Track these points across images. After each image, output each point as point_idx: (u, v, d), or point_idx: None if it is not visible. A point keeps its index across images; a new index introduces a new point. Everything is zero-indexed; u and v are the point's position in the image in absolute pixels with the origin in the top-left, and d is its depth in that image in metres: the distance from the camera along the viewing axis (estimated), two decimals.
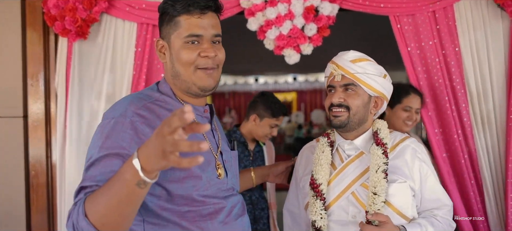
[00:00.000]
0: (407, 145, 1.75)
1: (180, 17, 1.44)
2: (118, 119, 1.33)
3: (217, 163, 1.50)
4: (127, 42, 2.70)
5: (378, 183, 1.62)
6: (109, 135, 1.30)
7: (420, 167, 1.73)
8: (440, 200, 1.75)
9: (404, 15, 2.65)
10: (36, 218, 2.78)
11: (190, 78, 1.46)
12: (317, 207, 1.70)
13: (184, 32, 1.43)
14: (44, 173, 2.78)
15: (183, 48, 1.44)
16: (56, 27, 2.62)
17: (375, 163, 1.66)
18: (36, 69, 2.76)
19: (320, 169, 1.74)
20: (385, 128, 1.77)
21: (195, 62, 1.44)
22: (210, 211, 1.44)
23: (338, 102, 1.72)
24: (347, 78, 1.72)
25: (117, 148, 1.28)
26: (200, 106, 1.54)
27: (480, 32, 2.65)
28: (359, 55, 1.76)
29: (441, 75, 2.66)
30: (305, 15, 2.60)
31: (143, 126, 1.34)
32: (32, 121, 2.77)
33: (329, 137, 1.84)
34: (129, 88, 2.70)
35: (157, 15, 2.10)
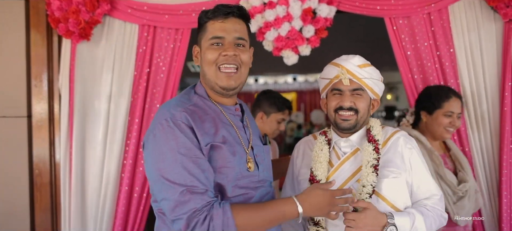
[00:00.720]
0: (398, 137, 1.83)
1: (208, 23, 1.62)
2: (171, 121, 1.51)
3: (248, 157, 1.64)
4: (129, 44, 2.74)
5: (366, 177, 1.71)
6: (175, 134, 1.49)
7: (410, 158, 1.80)
8: (430, 191, 1.82)
9: (399, 17, 2.70)
10: (40, 216, 2.83)
11: (213, 77, 1.62)
12: None
13: (209, 35, 1.61)
14: (47, 172, 2.82)
15: (207, 49, 1.62)
16: (60, 29, 2.66)
17: (366, 158, 1.74)
18: (40, 70, 2.80)
19: (320, 166, 1.81)
20: (377, 125, 1.85)
21: (217, 61, 1.60)
22: (240, 200, 1.59)
23: (349, 106, 1.79)
24: (355, 83, 1.79)
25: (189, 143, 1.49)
26: (231, 105, 1.71)
27: (474, 34, 2.69)
28: (364, 61, 1.84)
29: (436, 76, 2.71)
30: (303, 17, 2.65)
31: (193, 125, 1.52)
32: (36, 120, 2.81)
33: (326, 135, 1.91)
34: (131, 89, 2.74)
35: (158, 16, 2.44)
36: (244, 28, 1.67)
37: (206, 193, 1.48)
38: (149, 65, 2.75)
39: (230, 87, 1.63)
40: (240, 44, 1.63)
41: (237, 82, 1.63)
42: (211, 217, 1.45)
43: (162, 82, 2.75)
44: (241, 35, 1.63)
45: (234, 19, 1.63)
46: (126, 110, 2.74)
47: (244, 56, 1.63)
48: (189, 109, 1.57)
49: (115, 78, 2.75)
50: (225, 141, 1.59)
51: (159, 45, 2.75)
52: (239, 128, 1.68)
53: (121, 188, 2.75)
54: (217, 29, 1.60)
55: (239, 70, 1.63)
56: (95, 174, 2.75)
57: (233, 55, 1.59)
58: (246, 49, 1.66)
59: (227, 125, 1.64)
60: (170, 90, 2.77)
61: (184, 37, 2.75)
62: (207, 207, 1.46)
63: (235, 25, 1.62)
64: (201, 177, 1.49)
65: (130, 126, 2.76)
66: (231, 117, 1.68)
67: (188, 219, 1.44)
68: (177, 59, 2.76)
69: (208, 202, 1.47)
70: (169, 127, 1.50)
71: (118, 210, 2.74)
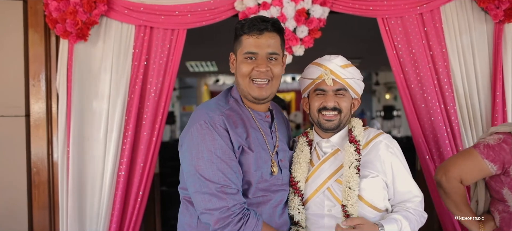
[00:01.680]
0: (380, 141, 1.85)
1: (243, 36, 1.74)
2: (209, 123, 1.64)
3: (272, 161, 1.77)
4: (126, 44, 2.76)
5: (351, 178, 1.73)
6: (212, 136, 1.62)
7: (392, 161, 1.82)
8: (411, 192, 1.84)
9: (392, 18, 2.72)
10: (38, 214, 2.85)
11: (246, 88, 1.75)
12: (295, 202, 1.83)
13: (244, 49, 1.73)
14: (45, 171, 2.84)
15: (242, 62, 1.74)
16: (57, 29, 2.68)
17: (348, 159, 1.77)
18: (38, 69, 2.82)
19: (299, 167, 1.85)
20: (359, 125, 1.88)
21: (250, 74, 1.73)
22: (258, 201, 1.73)
23: (333, 106, 1.81)
24: (338, 83, 1.81)
25: (225, 146, 1.63)
26: (262, 111, 1.84)
27: (466, 34, 2.72)
28: (346, 61, 1.87)
29: (429, 76, 2.72)
30: (297, 18, 2.67)
31: (228, 128, 1.66)
32: (33, 119, 2.83)
33: (307, 136, 1.94)
34: (127, 89, 2.76)
35: (155, 17, 2.56)
36: (277, 41, 1.76)
37: (237, 193, 1.63)
38: (145, 66, 2.77)
39: (261, 98, 1.76)
40: (273, 58, 1.74)
41: (268, 93, 1.76)
42: (245, 221, 1.60)
43: (158, 83, 2.77)
44: (274, 50, 1.74)
45: (268, 34, 1.72)
46: (122, 110, 2.76)
47: (276, 69, 1.75)
48: (226, 113, 1.71)
49: (112, 78, 2.76)
50: (252, 146, 1.70)
51: (155, 45, 2.77)
52: (267, 133, 1.81)
53: (118, 187, 2.76)
54: (251, 44, 1.71)
55: (271, 82, 1.75)
56: (92, 173, 2.77)
57: (265, 71, 1.71)
58: (279, 62, 1.77)
59: (255, 130, 1.77)
60: (166, 90, 2.79)
61: (180, 37, 2.78)
62: (242, 210, 1.62)
63: (268, 40, 1.72)
64: (234, 178, 1.63)
65: (126, 126, 2.77)
66: (260, 123, 1.81)
67: (220, 215, 1.58)
68: (173, 60, 2.79)
69: (239, 202, 1.62)
70: (208, 128, 1.63)
71: (114, 209, 2.76)
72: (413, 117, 2.77)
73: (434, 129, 2.75)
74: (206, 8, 2.74)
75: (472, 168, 1.99)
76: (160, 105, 2.80)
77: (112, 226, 2.77)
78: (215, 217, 1.59)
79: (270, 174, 1.76)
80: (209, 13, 2.74)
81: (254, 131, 1.76)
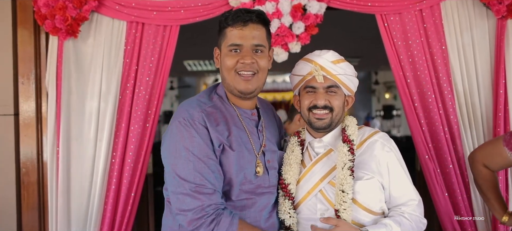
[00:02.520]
0: (376, 140, 1.75)
1: (227, 28, 1.68)
2: (189, 120, 1.59)
3: (257, 161, 1.69)
4: (117, 41, 2.71)
5: (344, 180, 1.64)
6: (190, 133, 1.57)
7: (388, 162, 1.72)
8: (407, 195, 1.74)
9: (391, 14, 2.66)
10: (27, 215, 2.80)
11: (232, 82, 1.69)
12: (286, 206, 1.73)
13: (228, 41, 1.67)
14: (35, 171, 2.79)
15: (226, 55, 1.68)
16: (46, 25, 2.62)
17: (341, 160, 1.67)
18: (27, 67, 2.77)
19: (289, 168, 1.76)
20: (353, 124, 1.78)
21: (235, 67, 1.67)
22: (242, 204, 1.66)
23: (324, 104, 1.72)
24: (329, 80, 1.73)
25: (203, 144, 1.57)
26: (248, 109, 1.77)
27: (466, 31, 2.67)
28: (338, 56, 1.78)
29: (427, 74, 2.67)
30: (293, 14, 2.62)
31: (208, 126, 1.60)
32: (23, 119, 2.78)
33: (299, 136, 1.86)
34: (119, 87, 2.71)
35: (147, 13, 2.53)
36: (263, 33, 1.71)
37: (214, 193, 1.56)
38: (137, 63, 2.72)
39: (247, 91, 1.69)
40: (258, 50, 1.69)
41: (254, 86, 1.69)
42: (218, 222, 1.53)
43: (150, 80, 2.72)
44: (259, 41, 1.68)
45: (253, 25, 1.67)
46: (114, 109, 2.70)
47: (262, 62, 1.69)
48: (206, 110, 1.65)
49: (103, 76, 2.72)
50: (234, 144, 1.64)
51: (147, 42, 2.71)
52: (253, 132, 1.74)
53: (109, 188, 2.71)
54: (235, 36, 1.66)
55: (257, 75, 1.69)
56: (82, 173, 2.72)
57: (250, 62, 1.65)
58: (264, 54, 1.71)
59: (239, 129, 1.70)
60: (158, 88, 2.73)
61: (173, 34, 2.72)
62: (216, 210, 1.55)
63: (253, 32, 1.67)
64: (211, 177, 1.56)
65: (118, 125, 2.72)
66: (246, 121, 1.74)
67: (193, 215, 1.53)
68: (165, 57, 2.73)
69: (215, 203, 1.55)
70: (186, 126, 1.58)
71: (106, 210, 2.71)
72: (413, 115, 2.71)
73: (433, 128, 2.70)
74: (199, 3, 2.68)
75: (494, 154, 1.99)
76: (153, 104, 2.74)
77: (104, 227, 2.72)
78: (188, 218, 1.54)
79: (254, 175, 1.68)
80: (203, 8, 2.68)
81: (237, 129, 1.70)
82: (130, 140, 2.69)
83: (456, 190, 2.63)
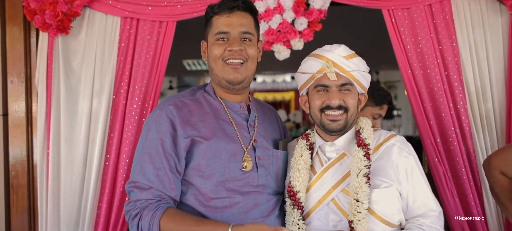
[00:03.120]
0: (393, 144, 1.62)
1: (213, 17, 1.65)
2: (157, 112, 1.59)
3: (245, 155, 1.61)
4: (110, 38, 2.62)
5: (359, 188, 1.50)
6: (150, 127, 1.58)
7: (406, 168, 1.59)
8: (427, 205, 1.61)
9: (398, 9, 2.56)
10: (16, 220, 2.73)
11: (220, 72, 1.64)
12: (295, 216, 1.60)
13: (215, 30, 1.64)
14: (25, 174, 2.72)
15: (213, 44, 1.64)
16: (36, 21, 2.54)
17: (356, 166, 1.53)
18: (17, 66, 2.70)
19: (298, 175, 1.62)
20: (368, 126, 1.65)
21: (223, 55, 1.62)
22: (224, 204, 1.57)
23: (338, 104, 1.59)
24: (343, 77, 1.59)
25: (156, 139, 1.54)
26: (236, 102, 1.71)
27: (479, 27, 2.58)
28: (350, 51, 1.66)
29: (438, 72, 2.57)
30: (295, 9, 2.53)
31: (175, 117, 1.57)
32: (12, 119, 2.71)
33: (308, 139, 1.72)
34: (113, 86, 2.62)
35: (141, 8, 2.56)
36: (250, 21, 1.67)
37: (149, 190, 1.52)
38: (132, 61, 2.62)
39: (236, 81, 1.63)
40: (247, 39, 1.64)
41: (243, 75, 1.63)
42: (141, 216, 1.49)
43: (145, 79, 2.62)
44: (247, 29, 1.64)
45: (240, 13, 1.63)
46: (107, 109, 2.62)
47: (251, 51, 1.64)
48: (180, 102, 1.61)
49: (96, 74, 2.63)
50: (212, 137, 1.55)
51: (142, 39, 2.62)
52: (241, 126, 1.67)
53: (103, 192, 2.61)
54: (222, 24, 1.62)
55: (245, 64, 1.63)
56: (73, 176, 2.63)
57: (238, 50, 1.60)
58: (253, 43, 1.66)
59: (224, 122, 1.64)
60: (154, 87, 2.64)
61: (169, 30, 2.62)
62: (144, 204, 1.50)
63: (240, 19, 1.63)
64: (150, 173, 1.53)
65: (111, 126, 2.63)
66: (233, 114, 1.68)
67: (125, 207, 1.54)
68: (161, 54, 2.63)
69: (146, 199, 1.51)
70: (152, 118, 1.59)
71: (100, 216, 2.62)
72: (422, 116, 2.61)
73: (443, 129, 2.60)
74: None
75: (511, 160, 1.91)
76: (148, 104, 2.65)
77: None
78: (124, 210, 1.57)
79: (240, 170, 1.59)
80: (200, 4, 2.58)
81: (220, 122, 1.64)
82: (124, 142, 2.60)
83: (468, 195, 2.53)
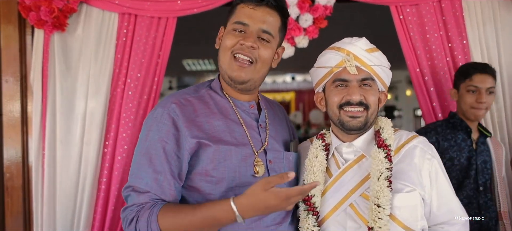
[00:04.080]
0: (415, 146, 1.53)
1: (239, 5, 1.53)
2: (159, 110, 1.48)
3: (256, 160, 1.50)
4: (107, 35, 2.59)
5: (380, 192, 1.41)
6: (151, 126, 1.46)
7: (430, 171, 1.50)
8: (453, 212, 1.53)
9: (407, 5, 2.53)
10: (11, 223, 2.69)
11: (225, 64, 1.52)
12: (309, 223, 1.51)
13: (235, 18, 1.52)
14: (20, 176, 2.68)
15: (228, 33, 1.52)
16: (31, 18, 2.51)
17: (376, 168, 1.44)
18: (12, 65, 2.66)
19: (313, 177, 1.53)
20: (388, 126, 1.56)
21: (233, 48, 1.49)
22: None
23: (359, 100, 1.50)
24: (364, 71, 1.51)
25: (157, 140, 1.43)
26: (245, 101, 1.59)
27: (490, 25, 2.57)
28: (372, 45, 1.57)
29: (447, 71, 2.55)
30: (300, 5, 2.51)
31: (178, 116, 1.46)
32: (7, 119, 2.67)
33: (323, 139, 1.63)
34: (110, 85, 2.59)
35: (140, 3, 2.50)
36: (276, 21, 1.54)
37: (146, 193, 1.41)
38: (129, 59, 2.59)
39: (239, 80, 1.51)
40: (264, 38, 1.51)
41: (248, 76, 1.51)
42: (137, 218, 1.39)
43: (142, 77, 2.59)
44: (268, 28, 1.51)
45: (266, 9, 1.51)
46: (104, 109, 2.58)
47: (264, 52, 1.51)
48: (184, 100, 1.50)
49: (93, 73, 2.59)
50: (221, 139, 1.45)
51: (140, 36, 2.58)
52: (251, 127, 1.57)
53: (99, 195, 2.58)
54: (244, 14, 1.51)
55: (254, 64, 1.51)
56: (69, 178, 2.59)
57: (250, 46, 1.48)
58: (271, 45, 1.53)
59: (233, 122, 1.54)
60: (154, 87, 2.61)
61: (169, 26, 2.59)
62: (140, 207, 1.40)
63: (265, 16, 1.51)
64: (149, 177, 1.42)
65: (108, 126, 2.59)
66: (242, 114, 1.57)
67: (122, 216, 1.44)
68: (161, 52, 2.60)
69: (143, 203, 1.41)
70: (153, 117, 1.48)
71: (95, 220, 2.58)
72: (430, 115, 2.59)
73: None
74: None
75: None
76: (148, 104, 2.62)
77: None
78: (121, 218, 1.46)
79: (251, 175, 1.48)
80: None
81: (229, 122, 1.52)
82: (120, 143, 2.56)
83: None
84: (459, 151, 2.31)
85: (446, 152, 2.30)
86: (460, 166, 2.29)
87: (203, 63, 9.22)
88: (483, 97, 2.26)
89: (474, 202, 2.30)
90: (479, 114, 2.31)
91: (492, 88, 2.30)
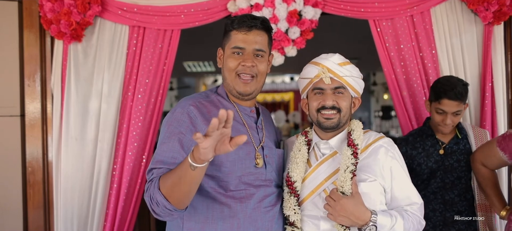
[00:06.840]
0: (380, 145, 1.81)
1: (232, 31, 1.79)
2: (179, 110, 1.71)
3: (256, 154, 1.79)
4: (119, 45, 2.77)
5: (344, 182, 1.70)
6: (171, 123, 1.68)
7: (391, 166, 1.78)
8: (410, 198, 1.80)
9: (383, 19, 2.73)
10: (33, 213, 2.86)
11: (232, 83, 1.80)
12: (291, 203, 1.79)
13: (232, 44, 1.78)
14: (40, 170, 2.85)
15: (229, 57, 1.79)
16: (52, 30, 2.70)
17: (344, 163, 1.73)
18: (33, 70, 2.83)
19: (296, 167, 1.82)
20: (359, 128, 1.84)
21: (236, 69, 1.77)
22: (241, 195, 1.73)
23: (332, 105, 1.78)
24: (336, 81, 1.78)
25: (176, 133, 1.65)
26: (247, 107, 1.87)
27: (456, 36, 2.73)
28: (344, 59, 1.84)
29: (419, 77, 2.73)
30: (289, 19, 2.68)
31: (196, 116, 1.69)
32: (29, 119, 2.85)
33: (307, 136, 1.92)
34: (121, 89, 2.77)
35: (148, 17, 2.60)
36: (265, 39, 1.81)
37: (163, 168, 1.62)
38: (138, 66, 2.78)
39: (246, 93, 1.79)
40: (259, 55, 1.79)
41: (252, 88, 1.80)
42: (148, 188, 1.60)
43: (150, 82, 2.78)
44: (261, 47, 1.78)
45: (256, 31, 1.78)
46: (116, 110, 2.77)
47: (261, 66, 1.79)
48: (199, 103, 1.74)
49: (106, 78, 2.78)
50: None
51: (148, 46, 2.77)
52: (252, 128, 1.84)
53: (112, 187, 2.78)
54: (239, 40, 1.77)
55: (255, 78, 1.79)
56: (84, 173, 2.77)
57: (250, 66, 1.75)
58: (264, 59, 1.82)
59: (238, 123, 1.80)
60: (161, 90, 2.80)
61: (174, 37, 2.79)
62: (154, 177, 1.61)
63: (256, 37, 1.77)
64: (168, 159, 1.62)
65: (120, 125, 2.78)
66: (245, 117, 1.84)
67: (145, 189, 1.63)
68: (167, 60, 2.79)
69: (152, 176, 1.61)
70: (173, 116, 1.69)
71: (109, 208, 2.77)
72: (404, 116, 2.79)
73: None
74: (199, 8, 2.76)
75: (490, 154, 2.20)
76: (156, 106, 2.81)
77: (106, 226, 2.78)
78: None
79: (254, 166, 1.77)
80: (202, 13, 2.75)
81: (235, 123, 1.78)
82: (130, 141, 2.75)
83: None
84: (427, 156, 2.45)
85: (414, 159, 2.48)
86: (429, 169, 2.44)
87: (203, 65, 9.25)
88: (447, 120, 2.34)
89: (439, 198, 2.46)
90: (445, 131, 2.41)
91: (459, 111, 2.34)
